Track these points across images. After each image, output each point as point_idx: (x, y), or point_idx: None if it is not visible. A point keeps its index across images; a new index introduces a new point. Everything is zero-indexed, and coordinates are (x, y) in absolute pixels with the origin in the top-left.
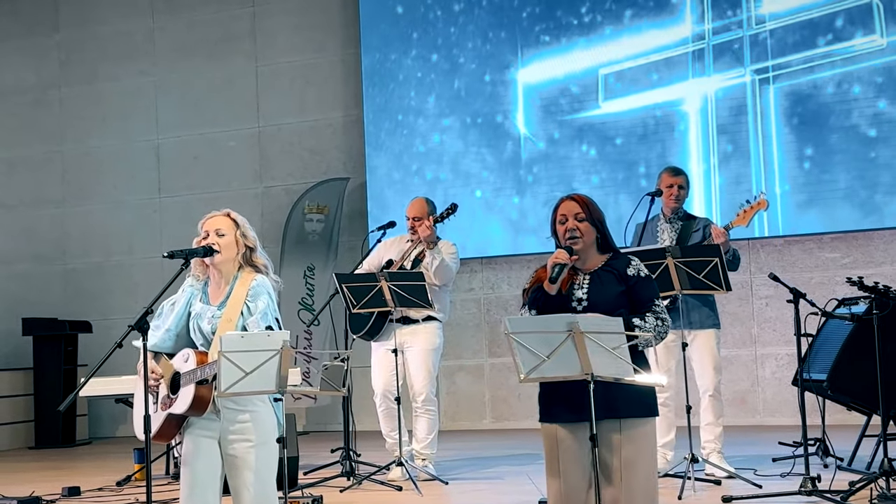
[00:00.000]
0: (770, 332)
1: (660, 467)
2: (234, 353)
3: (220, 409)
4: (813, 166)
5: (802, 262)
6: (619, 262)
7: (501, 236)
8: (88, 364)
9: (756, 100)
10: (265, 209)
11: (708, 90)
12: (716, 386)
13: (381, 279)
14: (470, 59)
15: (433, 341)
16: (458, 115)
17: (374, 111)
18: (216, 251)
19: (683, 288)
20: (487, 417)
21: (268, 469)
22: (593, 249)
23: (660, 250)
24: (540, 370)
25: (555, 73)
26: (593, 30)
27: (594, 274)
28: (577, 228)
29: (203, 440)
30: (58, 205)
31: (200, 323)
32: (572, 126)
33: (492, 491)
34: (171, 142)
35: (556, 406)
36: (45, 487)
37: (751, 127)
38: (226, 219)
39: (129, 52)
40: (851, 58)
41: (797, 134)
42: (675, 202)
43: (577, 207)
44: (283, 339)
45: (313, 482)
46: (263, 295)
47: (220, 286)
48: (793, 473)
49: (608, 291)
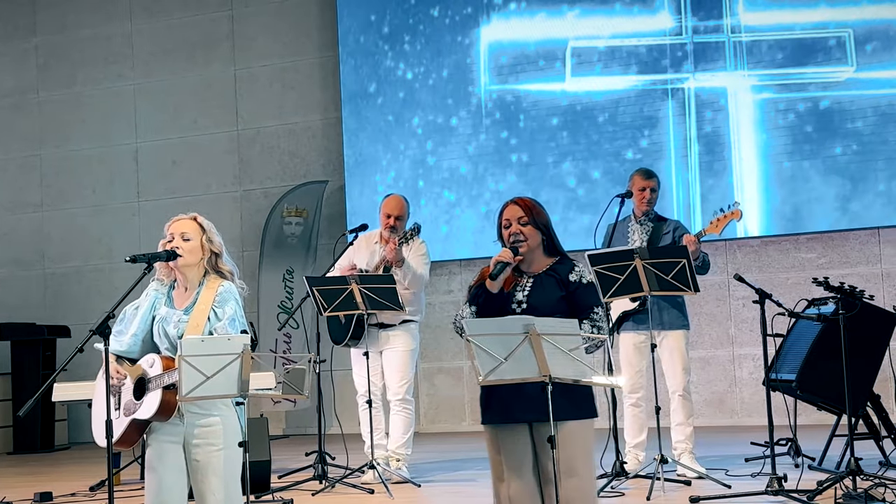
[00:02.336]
0: (747, 332)
1: (631, 468)
2: (195, 357)
3: (184, 413)
4: (790, 166)
5: (779, 262)
6: (563, 267)
7: (480, 238)
8: (67, 369)
9: (737, 100)
10: (244, 212)
11: (687, 86)
12: (685, 386)
13: (352, 282)
14: (450, 61)
15: (409, 343)
16: (436, 116)
17: (352, 114)
18: (178, 255)
19: (652, 289)
20: (467, 419)
21: (233, 473)
22: (538, 252)
23: (628, 251)
24: (498, 372)
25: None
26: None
27: (537, 277)
28: (521, 232)
29: (167, 445)
30: (36, 208)
31: (166, 327)
32: (546, 117)
33: (463, 494)
34: (150, 145)
35: (494, 408)
36: (18, 493)
37: (728, 125)
38: (192, 222)
39: (107, 56)
40: (824, 83)
41: (775, 133)
42: (646, 206)
43: (519, 212)
44: (243, 343)
45: (285, 486)
46: (231, 301)
47: (186, 290)
48: (763, 473)
49: (548, 296)
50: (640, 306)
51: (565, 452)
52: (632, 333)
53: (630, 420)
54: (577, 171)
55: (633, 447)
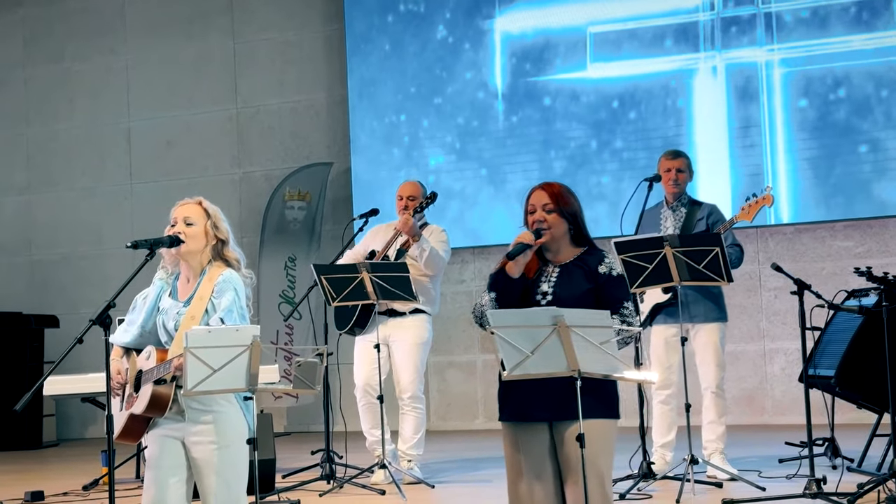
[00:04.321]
0: (779, 325)
1: (658, 469)
2: (201, 349)
3: (185, 409)
4: (827, 146)
5: (814, 250)
6: (592, 258)
7: (494, 224)
8: (56, 362)
9: (768, 78)
10: (243, 196)
11: (717, 64)
12: (718, 383)
13: (363, 270)
14: (466, 34)
15: (421, 335)
16: (448, 94)
17: (359, 91)
18: (181, 241)
19: (683, 279)
20: (480, 417)
21: (234, 473)
22: (564, 241)
23: (657, 239)
24: (524, 367)
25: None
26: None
27: (564, 267)
28: (545, 220)
29: (167, 441)
30: (22, 191)
31: (165, 320)
32: (562, 94)
33: (480, 495)
34: (143, 125)
35: (513, 405)
36: (6, 492)
37: (761, 106)
38: (197, 207)
39: (98, 29)
40: (868, 49)
41: (810, 115)
42: (674, 187)
43: (546, 198)
44: (252, 335)
45: (291, 486)
46: (229, 291)
47: (189, 280)
48: (799, 475)
49: (575, 287)
50: (672, 299)
51: (589, 451)
52: (663, 327)
53: (658, 418)
54: (601, 160)
55: (660, 447)
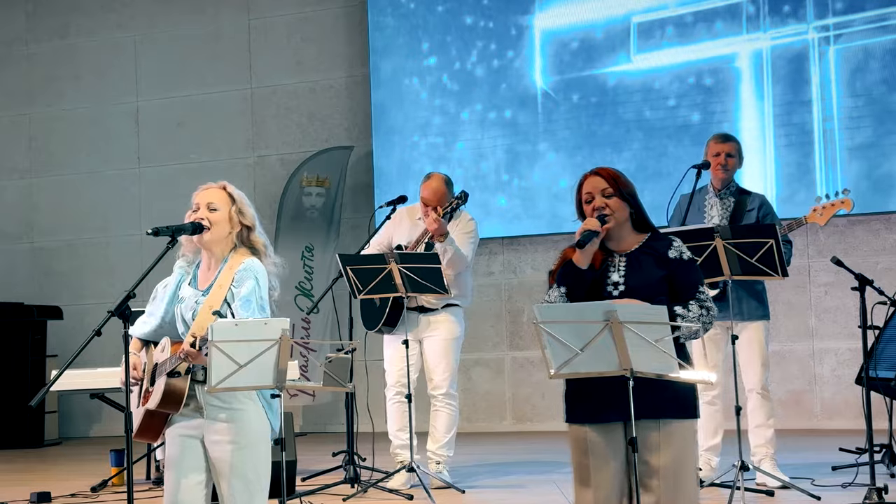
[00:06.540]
0: (830, 323)
1: (704, 475)
2: (227, 342)
3: (203, 406)
4: (880, 135)
5: (867, 244)
6: (660, 244)
7: (524, 214)
8: (59, 354)
9: (818, 60)
10: (258, 181)
11: (763, 47)
12: (763, 384)
13: (391, 261)
14: (492, 17)
15: (454, 330)
16: (476, 76)
17: (381, 71)
18: (205, 227)
19: (734, 273)
20: (508, 418)
21: (255, 474)
22: (627, 228)
23: (707, 230)
24: (572, 365)
25: (577, 20)
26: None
27: (631, 255)
28: (607, 206)
29: (187, 441)
30: (24, 175)
31: (183, 309)
32: (598, 83)
33: (514, 501)
34: (153, 105)
35: (585, 405)
36: (10, 493)
37: (811, 91)
38: (221, 192)
39: (104, 3)
40: None
41: (862, 99)
42: (723, 173)
43: (603, 183)
44: (282, 328)
45: (312, 489)
46: (249, 279)
47: (211, 268)
48: (855, 483)
49: (648, 275)
50: (720, 295)
51: (669, 454)
52: None
53: (704, 420)
54: (643, 151)
55: (705, 450)
